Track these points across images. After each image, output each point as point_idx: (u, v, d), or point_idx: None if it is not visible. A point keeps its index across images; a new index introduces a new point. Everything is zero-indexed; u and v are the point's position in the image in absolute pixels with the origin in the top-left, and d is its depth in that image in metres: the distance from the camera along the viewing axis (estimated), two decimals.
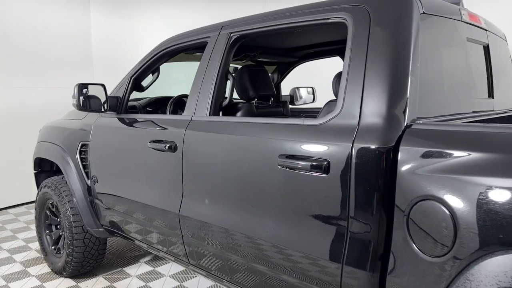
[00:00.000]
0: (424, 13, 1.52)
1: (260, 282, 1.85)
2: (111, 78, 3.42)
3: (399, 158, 1.33)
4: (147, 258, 3.56)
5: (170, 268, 3.36)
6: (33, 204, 4.97)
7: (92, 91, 2.53)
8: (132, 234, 2.63)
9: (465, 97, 1.79)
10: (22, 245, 3.87)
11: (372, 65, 1.48)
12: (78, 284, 3.09)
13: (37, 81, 5.13)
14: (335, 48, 2.93)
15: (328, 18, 1.70)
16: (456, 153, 1.21)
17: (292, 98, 3.76)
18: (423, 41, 1.48)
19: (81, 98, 2.45)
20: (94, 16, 5.67)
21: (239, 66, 2.87)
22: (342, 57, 2.30)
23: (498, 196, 1.09)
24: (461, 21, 1.78)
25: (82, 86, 2.46)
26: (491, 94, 2.06)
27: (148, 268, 3.37)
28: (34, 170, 3.45)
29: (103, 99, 2.56)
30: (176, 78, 3.86)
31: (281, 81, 3.63)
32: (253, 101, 2.42)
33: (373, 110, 1.45)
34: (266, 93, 2.49)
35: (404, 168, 1.31)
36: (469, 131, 1.25)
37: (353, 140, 1.45)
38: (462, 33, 1.78)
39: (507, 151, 1.13)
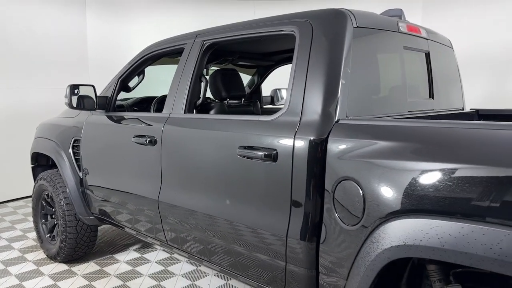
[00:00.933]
0: (357, 26, 1.80)
1: (225, 256, 2.13)
2: (107, 79, 3.69)
3: (327, 147, 1.62)
4: (136, 246, 3.85)
5: (157, 255, 3.64)
6: (31, 198, 5.27)
7: (84, 91, 2.81)
8: (119, 221, 2.92)
9: (400, 98, 2.07)
10: (20, 235, 4.16)
11: (312, 71, 1.77)
12: (71, 268, 3.37)
13: (35, 82, 5.42)
14: None
15: (281, 30, 1.99)
16: (368, 142, 1.49)
17: (273, 98, 4.05)
18: (355, 50, 1.77)
19: (73, 97, 2.74)
20: (90, 20, 5.97)
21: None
22: None
23: (394, 175, 1.38)
24: (398, 32, 2.07)
25: (74, 87, 2.76)
26: (431, 95, 2.35)
27: (136, 255, 3.65)
28: (31, 164, 3.74)
29: (93, 99, 2.85)
30: (162, 80, 4.14)
31: (261, 83, 3.92)
32: (225, 101, 2.71)
33: (311, 108, 1.74)
34: (237, 93, 2.77)
35: (331, 155, 1.60)
36: (379, 125, 1.53)
37: (295, 133, 1.74)
38: (398, 42, 2.07)
39: (405, 140, 1.42)
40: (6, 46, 5.12)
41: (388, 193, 1.38)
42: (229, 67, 3.51)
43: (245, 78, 4.01)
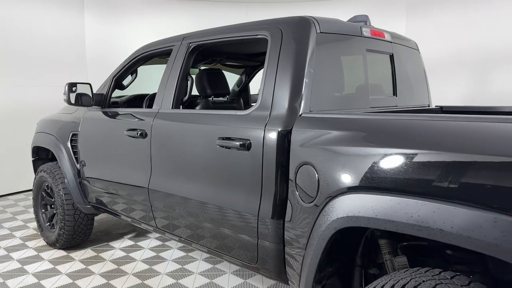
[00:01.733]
0: (321, 32, 2.05)
1: (206, 236, 2.38)
2: (104, 78, 3.93)
3: (292, 137, 1.87)
4: (130, 235, 4.09)
5: (150, 242, 3.89)
6: (31, 192, 5.52)
7: (81, 89, 3.06)
8: (114, 209, 3.16)
9: (362, 95, 2.32)
10: (21, 225, 4.41)
11: (281, 71, 2.02)
12: (69, 254, 3.61)
13: (35, 80, 5.67)
14: None
15: (256, 35, 2.24)
16: (324, 132, 1.74)
17: None
18: (318, 53, 2.01)
19: (71, 94, 2.98)
20: (88, 21, 6.21)
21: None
22: None
23: (342, 159, 1.62)
24: (361, 36, 2.31)
25: (72, 85, 3.00)
26: (395, 93, 2.60)
27: (130, 242, 3.90)
28: (32, 157, 3.98)
29: (89, 96, 3.09)
30: (155, 79, 4.40)
31: (248, 82, 4.17)
32: (210, 98, 2.96)
33: (279, 104, 1.99)
34: (221, 91, 3.02)
35: (294, 143, 1.85)
36: (333, 118, 1.78)
37: (265, 125, 1.98)
38: (361, 46, 2.32)
39: (352, 130, 1.66)
40: (8, 46, 5.36)
41: (336, 174, 1.63)
42: (218, 67, 3.76)
43: (234, 78, 4.27)
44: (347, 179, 1.59)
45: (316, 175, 1.72)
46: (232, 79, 4.26)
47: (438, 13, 5.82)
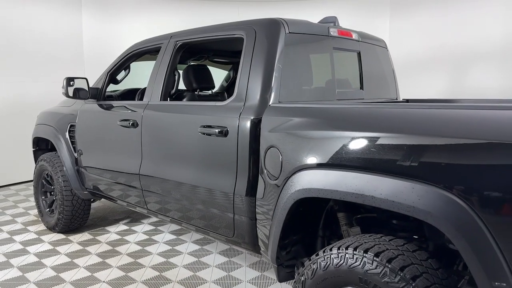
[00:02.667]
0: (290, 32, 2.32)
1: (193, 216, 2.66)
2: (100, 74, 4.20)
3: (262, 124, 2.14)
4: (125, 221, 4.37)
5: (143, 227, 4.17)
6: (31, 182, 5.80)
7: (78, 83, 3.33)
8: (109, 194, 3.44)
9: (329, 89, 2.60)
10: (23, 212, 4.69)
11: (254, 66, 2.29)
12: (68, 237, 3.89)
13: (35, 76, 5.94)
14: None
15: (234, 34, 2.51)
16: (287, 119, 2.02)
17: None
18: (287, 51, 2.28)
19: (69, 88, 3.25)
20: (85, 20, 6.47)
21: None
22: None
23: (299, 141, 1.90)
24: (328, 36, 2.59)
25: (69, 79, 3.27)
26: (362, 87, 2.87)
27: (125, 227, 4.18)
28: (33, 148, 4.26)
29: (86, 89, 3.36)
30: (147, 74, 4.68)
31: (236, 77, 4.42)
32: (195, 91, 3.23)
33: (252, 95, 2.26)
34: (206, 85, 3.28)
35: (264, 129, 2.12)
36: (294, 107, 2.06)
37: (240, 114, 2.26)
38: (328, 44, 2.59)
39: (309, 117, 1.94)
40: (8, 44, 5.62)
41: (295, 154, 1.91)
42: (206, 63, 4.03)
43: (223, 73, 4.54)
44: (303, 158, 1.87)
45: (280, 156, 2.00)
46: (222, 75, 4.54)
47: (420, 13, 6.09)
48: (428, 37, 5.93)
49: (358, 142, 1.67)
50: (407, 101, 3.21)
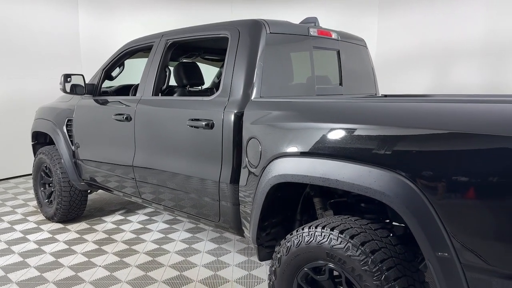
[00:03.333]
0: (270, 33, 2.51)
1: (181, 202, 2.85)
2: (97, 71, 4.39)
3: (244, 117, 2.33)
4: (121, 211, 4.57)
5: (138, 217, 4.37)
6: (30, 176, 5.98)
7: (75, 79, 3.51)
8: (105, 185, 3.63)
9: (308, 85, 2.79)
10: (22, 203, 4.87)
11: (237, 64, 2.48)
12: (66, 226, 4.08)
13: (33, 73, 6.12)
14: None
15: (220, 34, 2.70)
16: (266, 112, 2.21)
17: None
18: (268, 49, 2.47)
19: (66, 84, 3.44)
20: (82, 18, 6.64)
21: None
22: None
23: (276, 132, 2.10)
24: (308, 35, 2.77)
25: (67, 76, 3.46)
26: (341, 83, 3.07)
27: (121, 217, 4.37)
28: (32, 141, 4.44)
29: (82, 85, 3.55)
30: (141, 71, 4.87)
31: None
32: (186, 87, 3.41)
33: (236, 90, 2.45)
34: (196, 81, 3.46)
35: (246, 122, 2.32)
36: (273, 101, 2.25)
37: (224, 108, 2.45)
38: (308, 44, 2.78)
39: (284, 110, 2.13)
40: (7, 41, 5.79)
41: (272, 144, 2.10)
42: (198, 60, 4.21)
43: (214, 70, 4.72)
44: (279, 147, 2.06)
45: (260, 146, 2.19)
46: (214, 71, 4.72)
47: (407, 12, 6.29)
48: (415, 35, 6.13)
49: (325, 133, 1.87)
50: (385, 96, 3.40)
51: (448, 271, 1.53)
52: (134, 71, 4.21)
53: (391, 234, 1.83)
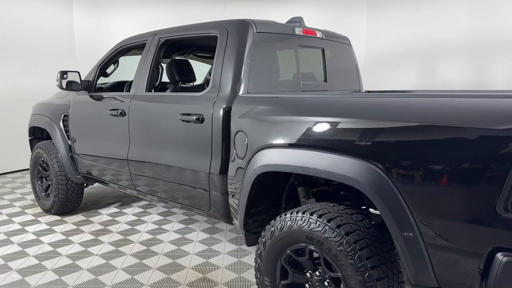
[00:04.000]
0: (257, 32, 2.66)
1: (174, 192, 3.00)
2: (92, 67, 4.50)
3: (232, 111, 2.49)
4: (116, 204, 4.71)
5: (133, 210, 4.51)
6: (27, 171, 6.11)
7: (71, 76, 3.64)
8: (101, 178, 3.77)
9: (294, 81, 2.95)
10: (20, 197, 5.00)
11: (226, 61, 2.63)
12: (63, 218, 4.22)
13: (29, 70, 6.24)
14: None
15: (209, 33, 2.84)
16: (252, 107, 2.37)
17: None
18: (254, 48, 2.62)
19: (62, 81, 3.57)
20: (76, 15, 6.74)
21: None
22: None
23: (261, 125, 2.25)
24: (294, 34, 2.93)
25: (63, 73, 3.59)
26: (325, 80, 3.23)
27: (116, 210, 4.52)
28: (29, 137, 4.56)
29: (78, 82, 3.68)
30: (135, 68, 5.01)
31: None
32: (178, 84, 3.55)
33: (224, 87, 2.60)
34: (187, 78, 3.60)
35: (233, 116, 2.47)
36: (259, 97, 2.41)
37: (214, 103, 2.60)
38: (294, 42, 2.93)
39: (269, 105, 2.29)
40: (3, 39, 5.89)
41: (257, 137, 2.26)
42: (190, 58, 4.35)
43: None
44: (264, 140, 2.22)
45: (246, 138, 2.35)
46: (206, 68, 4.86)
47: (395, 10, 6.46)
48: (403, 33, 6.30)
49: (305, 126, 2.03)
50: (368, 92, 3.57)
51: (413, 249, 1.70)
52: (127, 68, 4.35)
53: (365, 219, 1.99)
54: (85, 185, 4.28)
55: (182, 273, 3.01)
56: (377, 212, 1.86)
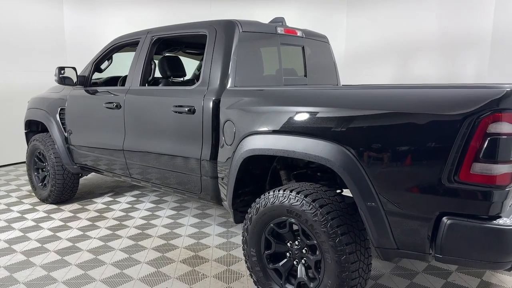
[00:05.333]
0: (243, 31, 2.94)
1: (167, 178, 3.28)
2: (82, 63, 4.71)
3: (221, 103, 2.77)
4: (110, 193, 4.95)
5: (126, 199, 4.76)
6: (20, 164, 6.29)
7: (68, 71, 3.86)
8: (96, 167, 4.01)
9: (277, 76, 3.24)
10: (15, 188, 5.19)
11: (215, 58, 2.91)
12: (60, 207, 4.45)
13: (20, 66, 6.39)
14: None
15: (199, 32, 3.11)
16: (239, 98, 2.65)
17: None
18: (240, 46, 2.90)
19: (60, 76, 3.79)
20: (66, 12, 6.90)
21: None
22: None
23: (247, 115, 2.55)
24: (276, 33, 3.22)
25: (61, 68, 3.81)
26: (305, 75, 3.53)
27: (110, 199, 4.76)
28: (25, 130, 4.76)
29: (74, 77, 3.91)
30: (126, 64, 5.24)
31: None
32: (169, 78, 3.82)
33: (213, 81, 2.88)
34: (178, 73, 3.86)
35: (222, 107, 2.76)
36: (244, 89, 2.70)
37: (204, 95, 2.88)
38: (276, 41, 3.22)
39: (253, 96, 2.58)
40: None
41: (244, 125, 2.55)
42: (180, 54, 4.60)
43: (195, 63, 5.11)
44: (249, 127, 2.52)
45: (234, 127, 2.64)
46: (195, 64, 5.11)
47: (373, 10, 6.83)
48: (380, 31, 6.67)
49: (285, 115, 2.33)
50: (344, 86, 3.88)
51: (375, 216, 2.02)
52: (117, 64, 4.58)
53: (337, 195, 2.31)
54: (80, 175, 4.50)
55: (175, 252, 3.29)
56: (350, 194, 2.17)
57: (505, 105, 1.75)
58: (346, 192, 2.40)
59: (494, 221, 1.81)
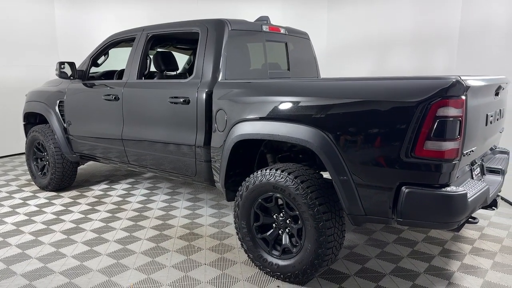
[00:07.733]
0: (232, 29, 3.27)
1: (164, 163, 3.60)
2: (72, 58, 4.91)
3: (213, 94, 3.11)
4: (106, 181, 5.24)
5: (122, 185, 5.06)
6: (16, 156, 6.51)
7: (67, 66, 4.13)
8: (95, 155, 4.30)
9: (263, 70, 3.59)
10: (14, 178, 5.43)
11: (207, 54, 3.23)
12: (59, 194, 4.72)
13: (13, 61, 6.57)
14: None
15: (191, 30, 3.43)
16: (230, 90, 2.99)
17: None
18: (229, 42, 3.23)
19: (60, 70, 4.06)
20: (57, 9, 7.09)
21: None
22: None
23: (237, 104, 2.89)
24: (261, 31, 3.56)
25: (61, 63, 4.08)
26: (288, 69, 3.89)
27: (106, 186, 5.05)
28: (24, 122, 5.00)
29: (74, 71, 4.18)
30: (120, 59, 5.50)
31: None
32: (163, 72, 4.12)
33: (206, 74, 3.21)
34: (171, 67, 4.16)
35: (214, 98, 3.09)
36: (234, 82, 3.04)
37: (198, 87, 3.21)
38: (261, 37, 3.56)
39: (242, 88, 2.92)
40: None
41: (234, 113, 2.90)
42: (171, 49, 4.90)
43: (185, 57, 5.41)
44: (239, 115, 2.86)
45: (225, 115, 2.98)
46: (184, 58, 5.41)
47: (352, 8, 7.23)
48: (359, 27, 7.07)
49: (271, 104, 2.68)
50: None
51: (346, 188, 2.39)
52: (112, 59, 4.85)
53: (316, 173, 2.68)
54: (79, 164, 4.76)
55: (172, 230, 3.63)
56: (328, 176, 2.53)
57: (452, 93, 2.13)
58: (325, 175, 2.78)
59: (444, 189, 2.20)
